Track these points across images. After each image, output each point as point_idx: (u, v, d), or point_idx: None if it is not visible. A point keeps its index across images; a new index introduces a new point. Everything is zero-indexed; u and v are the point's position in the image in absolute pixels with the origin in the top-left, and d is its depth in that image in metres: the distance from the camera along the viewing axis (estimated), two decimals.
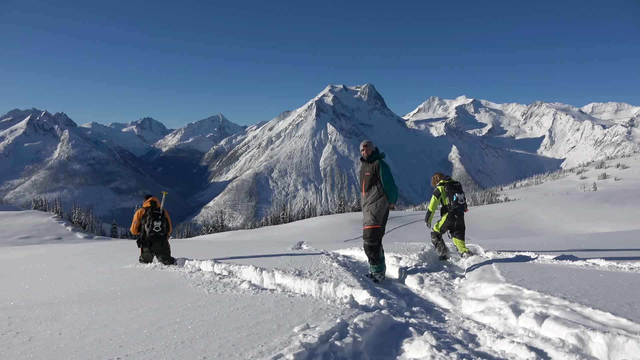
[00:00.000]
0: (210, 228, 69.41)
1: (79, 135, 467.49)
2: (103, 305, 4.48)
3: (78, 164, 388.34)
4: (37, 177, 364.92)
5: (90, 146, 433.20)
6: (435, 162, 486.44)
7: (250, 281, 5.34)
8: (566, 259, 6.41)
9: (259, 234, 40.10)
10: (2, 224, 49.67)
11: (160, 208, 8.33)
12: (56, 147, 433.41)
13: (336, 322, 3.22)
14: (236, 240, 30.43)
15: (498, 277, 5.00)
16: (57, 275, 7.96)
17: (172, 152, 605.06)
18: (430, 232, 7.96)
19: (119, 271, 7.48)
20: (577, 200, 50.72)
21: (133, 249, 19.44)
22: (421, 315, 4.07)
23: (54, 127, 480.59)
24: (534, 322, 3.38)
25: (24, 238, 43.03)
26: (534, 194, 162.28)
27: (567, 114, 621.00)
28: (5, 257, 19.42)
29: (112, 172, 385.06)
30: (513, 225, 39.45)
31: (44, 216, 57.85)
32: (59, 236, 46.45)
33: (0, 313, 4.36)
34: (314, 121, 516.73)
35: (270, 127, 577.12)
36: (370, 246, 5.85)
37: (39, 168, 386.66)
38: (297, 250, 9.81)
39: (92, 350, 3.02)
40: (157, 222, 8.07)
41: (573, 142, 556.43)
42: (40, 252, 20.46)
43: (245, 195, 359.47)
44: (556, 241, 11.44)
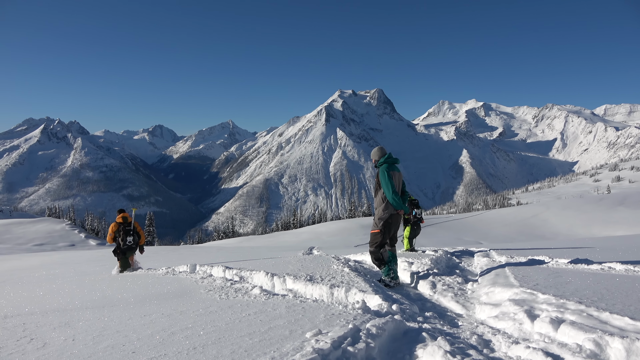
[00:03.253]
0: (221, 234, 69.66)
1: (92, 143, 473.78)
2: (116, 311, 4.50)
3: (91, 172, 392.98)
4: (51, 184, 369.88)
5: (102, 154, 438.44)
6: (445, 167, 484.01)
7: (261, 287, 5.33)
8: (581, 262, 6.31)
9: (270, 240, 40.17)
10: (17, 231, 50.35)
11: (131, 222, 9.68)
12: (69, 155, 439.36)
13: (348, 327, 3.19)
14: (247, 246, 30.50)
15: (512, 281, 4.93)
16: (71, 281, 8.04)
17: (183, 159, 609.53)
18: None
19: (131, 277, 7.53)
20: (590, 203, 50.12)
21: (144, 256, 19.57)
22: (434, 320, 4.02)
23: (67, 135, 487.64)
24: (550, 327, 3.33)
25: (38, 245, 43.56)
26: (547, 197, 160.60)
27: (579, 117, 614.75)
28: (19, 264, 19.66)
29: (124, 179, 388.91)
30: (525, 229, 39.08)
31: (57, 223, 58.58)
32: (72, 243, 46.97)
33: (15, 319, 4.41)
34: (323, 126, 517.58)
35: (280, 132, 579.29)
36: (370, 251, 6.01)
37: (52, 176, 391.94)
38: (308, 255, 9.80)
39: (105, 356, 3.03)
40: (129, 237, 9.53)
41: (585, 145, 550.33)
42: (54, 259, 20.69)
43: (255, 201, 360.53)
44: (570, 245, 11.29)
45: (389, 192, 5.72)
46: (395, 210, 5.81)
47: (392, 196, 5.69)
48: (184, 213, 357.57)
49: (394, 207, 5.77)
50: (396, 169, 6.00)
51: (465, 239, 33.92)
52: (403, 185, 6.14)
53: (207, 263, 8.49)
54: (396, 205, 5.72)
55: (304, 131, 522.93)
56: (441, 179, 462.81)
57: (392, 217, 5.85)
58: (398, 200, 5.72)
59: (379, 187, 5.92)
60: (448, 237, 34.70)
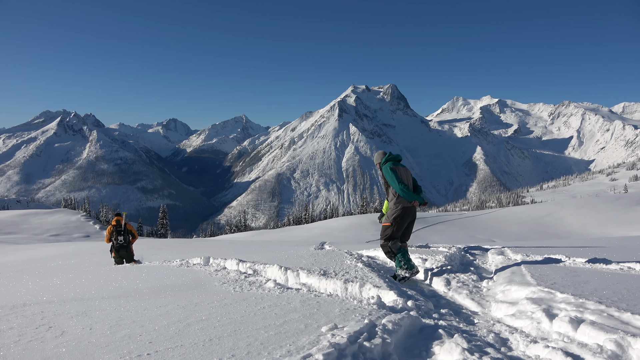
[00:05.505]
0: (233, 228, 70.15)
1: (107, 135, 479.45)
2: (131, 301, 4.54)
3: (106, 164, 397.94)
4: (66, 176, 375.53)
5: (117, 146, 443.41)
6: (459, 163, 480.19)
7: (275, 280, 5.34)
8: (599, 262, 6.20)
9: (281, 234, 40.31)
10: (34, 221, 51.26)
11: (123, 225, 11.27)
12: (85, 147, 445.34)
13: (364, 322, 3.18)
14: (259, 240, 30.64)
15: (529, 279, 4.87)
16: (87, 271, 8.15)
17: (196, 153, 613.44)
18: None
19: (146, 268, 7.60)
20: (606, 202, 49.36)
21: (158, 247, 19.78)
22: (450, 317, 3.98)
23: (83, 127, 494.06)
24: (569, 327, 3.27)
25: (54, 235, 44.29)
26: (562, 196, 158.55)
27: (597, 114, 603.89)
28: (36, 253, 20.04)
29: (139, 172, 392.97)
30: (539, 228, 38.63)
31: (73, 214, 59.49)
32: (87, 234, 47.67)
33: (33, 307, 4.47)
34: (336, 122, 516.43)
35: (293, 127, 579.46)
36: (381, 245, 6.18)
37: (68, 168, 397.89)
38: (320, 250, 9.79)
39: (122, 345, 3.05)
40: (120, 236, 11.18)
41: (602, 143, 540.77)
42: (69, 250, 21.04)
43: (267, 196, 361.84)
44: (586, 244, 11.11)
45: (396, 185, 5.68)
46: (409, 203, 5.73)
47: (401, 187, 5.64)
48: (196, 206, 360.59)
49: (407, 199, 5.71)
50: (400, 165, 6.02)
51: (478, 236, 33.65)
52: (414, 180, 6.08)
53: (220, 256, 8.54)
54: (406, 197, 5.66)
55: (316, 126, 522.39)
56: (454, 176, 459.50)
57: (404, 209, 5.79)
58: (407, 191, 5.64)
59: (388, 184, 5.96)
60: (460, 235, 34.46)
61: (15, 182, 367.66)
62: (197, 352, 2.83)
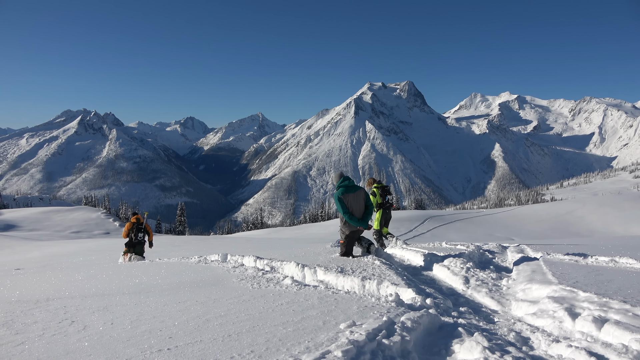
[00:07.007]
0: (250, 225, 70.49)
1: (126, 134, 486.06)
2: (151, 297, 4.60)
3: (125, 162, 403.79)
4: (87, 174, 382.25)
5: (136, 145, 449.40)
6: (477, 161, 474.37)
7: (292, 277, 5.36)
8: (622, 260, 6.07)
9: (298, 232, 40.37)
10: (56, 218, 52.36)
11: (143, 223, 11.69)
12: (105, 145, 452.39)
13: (383, 320, 3.16)
14: (275, 237, 30.77)
15: (550, 278, 4.79)
16: (107, 267, 8.29)
17: (213, 151, 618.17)
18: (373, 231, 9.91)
19: (166, 265, 7.70)
20: (629, 200, 48.23)
21: (177, 244, 20.01)
22: (469, 315, 3.94)
23: (102, 126, 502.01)
24: (593, 326, 3.20)
25: (75, 232, 45.17)
26: (582, 193, 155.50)
27: (619, 110, 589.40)
28: (58, 250, 20.45)
29: (157, 170, 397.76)
30: (560, 226, 37.94)
31: (93, 212, 60.56)
32: (107, 231, 48.50)
33: (56, 302, 4.57)
34: (352, 119, 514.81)
35: (309, 125, 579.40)
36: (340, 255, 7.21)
37: (89, 166, 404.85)
38: (337, 247, 9.78)
39: (143, 340, 3.10)
40: (141, 233, 11.55)
41: (625, 140, 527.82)
42: (90, 246, 21.43)
43: (284, 193, 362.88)
44: (608, 243, 10.88)
45: (343, 214, 6.79)
46: (356, 227, 6.84)
47: (346, 217, 6.73)
48: (214, 204, 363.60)
49: (354, 224, 6.75)
50: (351, 190, 6.87)
51: (496, 234, 33.19)
52: (366, 199, 6.99)
53: (238, 253, 8.59)
54: (351, 223, 6.74)
55: (332, 124, 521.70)
56: (472, 174, 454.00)
57: (352, 232, 6.95)
58: (352, 219, 6.71)
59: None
60: (478, 233, 34.04)
61: (38, 180, 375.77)
62: (216, 347, 2.85)
